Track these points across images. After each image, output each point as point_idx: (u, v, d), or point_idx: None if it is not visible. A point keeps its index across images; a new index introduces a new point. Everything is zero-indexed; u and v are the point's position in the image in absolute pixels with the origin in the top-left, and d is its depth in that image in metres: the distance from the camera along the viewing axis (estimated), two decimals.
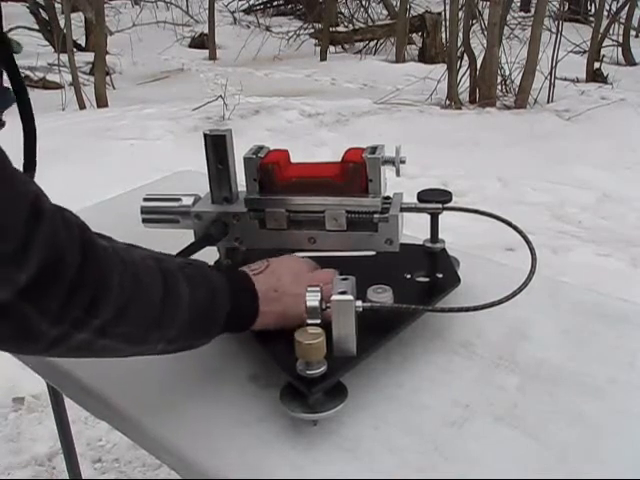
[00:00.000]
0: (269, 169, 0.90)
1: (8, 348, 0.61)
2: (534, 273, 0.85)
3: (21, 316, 0.54)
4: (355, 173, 0.87)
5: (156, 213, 0.96)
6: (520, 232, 0.91)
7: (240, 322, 0.77)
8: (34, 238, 0.52)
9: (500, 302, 0.81)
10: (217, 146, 0.90)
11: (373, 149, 0.88)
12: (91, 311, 0.58)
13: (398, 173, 0.88)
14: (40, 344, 0.58)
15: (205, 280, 0.73)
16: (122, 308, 0.61)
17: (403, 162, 0.88)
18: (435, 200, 0.94)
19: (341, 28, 9.23)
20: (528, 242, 0.90)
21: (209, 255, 0.95)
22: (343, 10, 9.86)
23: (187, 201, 0.94)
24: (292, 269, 0.83)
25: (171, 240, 0.95)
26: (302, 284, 0.77)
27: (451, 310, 0.85)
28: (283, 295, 0.79)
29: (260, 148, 0.92)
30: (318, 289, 0.76)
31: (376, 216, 0.87)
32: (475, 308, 0.81)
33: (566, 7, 7.59)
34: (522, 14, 9.31)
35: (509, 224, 0.93)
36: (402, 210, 0.89)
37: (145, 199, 0.97)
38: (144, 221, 0.97)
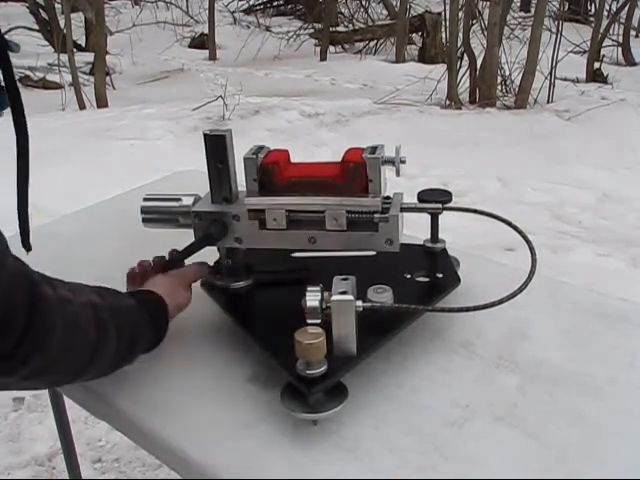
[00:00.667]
0: (269, 169, 0.90)
1: None
2: (534, 273, 0.85)
3: None
4: (355, 173, 0.87)
5: (156, 213, 0.96)
6: (520, 232, 0.91)
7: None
8: None
9: (500, 302, 0.81)
10: (217, 146, 0.90)
11: (373, 149, 0.88)
12: (26, 362, 0.63)
13: (398, 173, 0.88)
14: None
15: (131, 326, 0.79)
16: (55, 361, 0.67)
17: (403, 162, 0.88)
18: (435, 200, 0.94)
19: (341, 28, 9.22)
20: (528, 242, 0.90)
21: (209, 255, 0.95)
22: (343, 10, 9.86)
23: (187, 201, 0.94)
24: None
25: (171, 240, 0.95)
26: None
27: (451, 310, 0.85)
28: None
29: (260, 148, 0.92)
30: (318, 289, 0.76)
31: (376, 216, 0.86)
32: (475, 308, 0.81)
33: (566, 7, 7.59)
34: (522, 14, 9.31)
35: (509, 224, 0.93)
36: (402, 210, 0.89)
37: (145, 199, 0.97)
38: (144, 221, 0.97)
